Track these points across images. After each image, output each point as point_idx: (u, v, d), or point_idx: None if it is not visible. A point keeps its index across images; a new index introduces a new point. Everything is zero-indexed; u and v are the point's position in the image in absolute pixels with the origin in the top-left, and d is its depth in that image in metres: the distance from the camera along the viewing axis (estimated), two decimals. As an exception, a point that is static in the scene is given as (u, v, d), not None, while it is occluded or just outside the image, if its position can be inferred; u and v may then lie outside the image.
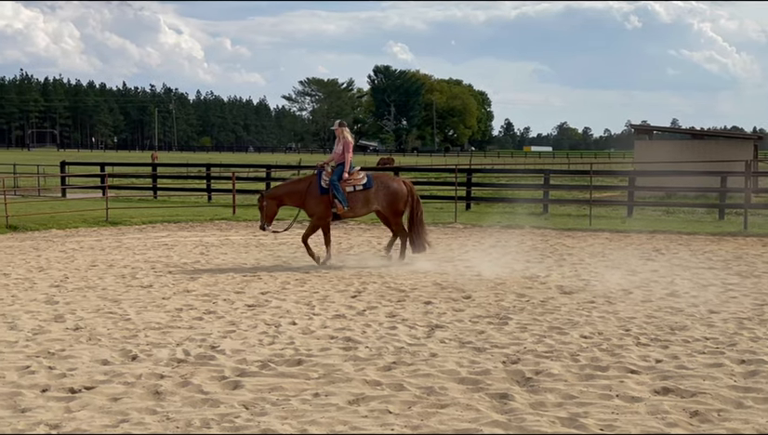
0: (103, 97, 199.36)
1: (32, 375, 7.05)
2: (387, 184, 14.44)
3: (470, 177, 27.82)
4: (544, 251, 15.96)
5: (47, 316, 9.55)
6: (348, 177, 14.02)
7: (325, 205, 14.06)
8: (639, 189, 25.64)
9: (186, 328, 8.95)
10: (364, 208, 14.34)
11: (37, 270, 13.41)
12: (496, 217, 23.26)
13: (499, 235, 18.92)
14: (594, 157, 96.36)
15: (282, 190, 14.70)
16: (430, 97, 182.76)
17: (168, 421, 5.87)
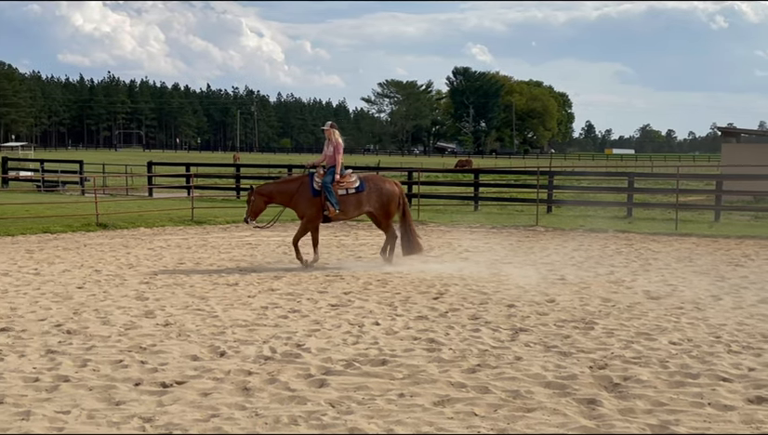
0: (187, 99, 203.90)
1: (125, 369, 7.25)
2: (379, 186, 14.40)
3: (552, 180, 27.50)
4: (629, 255, 15.67)
5: (138, 312, 9.82)
6: (340, 179, 14.03)
7: (317, 208, 14.00)
8: (726, 193, 24.93)
9: (272, 326, 9.08)
10: (355, 211, 14.36)
11: (127, 266, 13.79)
12: (579, 220, 22.95)
13: (582, 239, 18.65)
14: (678, 160, 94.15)
15: (273, 187, 14.72)
16: (510, 98, 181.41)
17: (257, 417, 5.97)
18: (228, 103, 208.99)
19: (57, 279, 12.34)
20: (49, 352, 7.80)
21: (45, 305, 10.21)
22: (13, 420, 5.84)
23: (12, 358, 7.59)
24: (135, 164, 45.51)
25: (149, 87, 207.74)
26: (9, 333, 8.61)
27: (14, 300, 10.50)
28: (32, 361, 7.50)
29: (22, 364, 7.36)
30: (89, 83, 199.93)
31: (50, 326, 8.96)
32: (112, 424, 5.80)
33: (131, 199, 30.40)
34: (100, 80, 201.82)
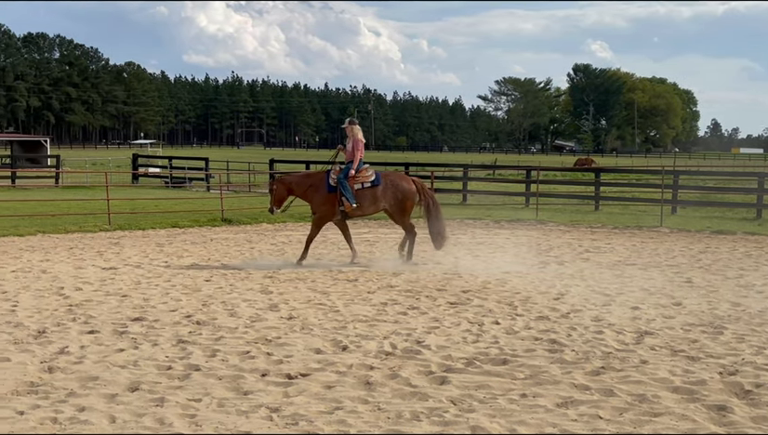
0: (306, 97, 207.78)
1: (252, 359, 7.47)
2: (395, 183, 14.31)
3: (677, 180, 26.67)
4: (759, 258, 15.04)
5: (263, 305, 10.09)
6: (356, 174, 14.00)
7: (330, 205, 13.99)
8: None
9: (391, 322, 9.17)
10: (371, 206, 14.20)
11: (251, 261, 14.18)
12: (705, 221, 22.18)
13: (709, 241, 18.03)
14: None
15: (294, 178, 14.76)
16: (631, 96, 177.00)
17: (380, 411, 6.04)
18: (345, 102, 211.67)
19: (186, 272, 12.82)
20: (180, 342, 8.12)
21: (175, 296, 10.63)
22: (148, 406, 6.11)
23: (146, 346, 7.94)
24: (256, 162, 46.69)
25: (269, 87, 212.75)
26: (143, 323, 9.00)
27: (146, 291, 10.97)
28: (164, 350, 7.82)
29: (156, 353, 7.69)
30: (214, 82, 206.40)
31: (181, 317, 9.32)
32: (241, 413, 5.98)
33: (253, 195, 31.24)
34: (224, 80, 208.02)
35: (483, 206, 27.03)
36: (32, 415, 5.84)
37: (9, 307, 9.80)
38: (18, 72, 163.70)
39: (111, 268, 13.11)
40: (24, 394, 6.37)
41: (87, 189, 32.51)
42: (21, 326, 8.72)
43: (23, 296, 10.54)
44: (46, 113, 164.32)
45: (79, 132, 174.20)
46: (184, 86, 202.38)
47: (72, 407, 6.04)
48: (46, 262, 13.70)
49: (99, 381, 6.71)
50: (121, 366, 7.17)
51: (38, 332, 8.48)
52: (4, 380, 6.69)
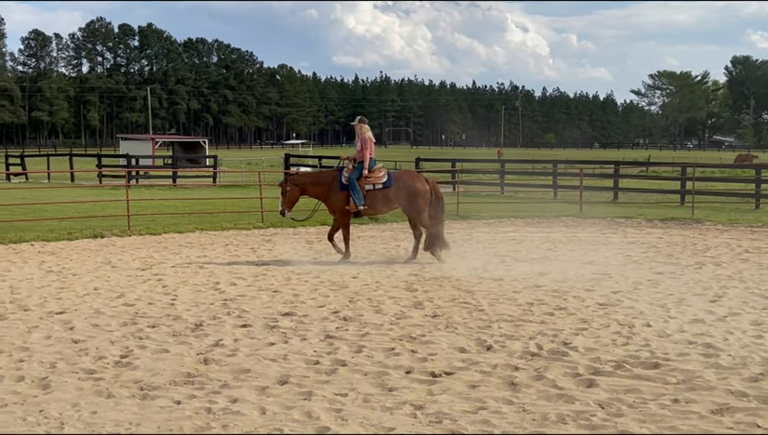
0: (453, 96, 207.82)
1: (396, 356, 7.54)
2: (407, 183, 14.19)
3: None
4: None
5: (408, 302, 10.17)
6: (368, 174, 13.88)
7: (345, 202, 13.94)
8: None
9: (538, 322, 9.04)
10: (384, 206, 14.22)
11: (397, 258, 14.31)
12: None
13: None
14: None
15: (307, 179, 14.71)
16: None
17: (524, 413, 5.97)
18: (492, 99, 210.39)
19: (334, 268, 13.08)
20: (328, 337, 8.30)
21: (323, 292, 10.87)
22: (297, 399, 6.28)
23: (295, 341, 8.16)
24: (403, 160, 47.12)
25: (416, 86, 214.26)
26: (293, 317, 9.26)
27: (296, 287, 11.28)
28: (312, 344, 8.02)
29: (304, 347, 7.89)
30: (363, 82, 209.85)
31: (329, 313, 9.53)
32: (386, 409, 6.05)
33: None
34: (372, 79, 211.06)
35: (635, 205, 26.21)
36: (188, 405, 6.12)
37: (169, 300, 10.31)
38: (179, 77, 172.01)
39: (263, 264, 13.56)
40: (181, 384, 6.68)
41: (242, 188, 33.76)
42: (180, 319, 9.16)
43: (182, 290, 11.07)
44: (204, 115, 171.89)
45: (235, 133, 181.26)
46: (334, 87, 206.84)
47: (226, 398, 6.29)
48: (204, 258, 14.32)
49: (251, 374, 6.95)
50: (271, 360, 7.41)
51: (195, 325, 8.87)
52: (163, 370, 7.04)
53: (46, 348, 7.87)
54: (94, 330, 8.64)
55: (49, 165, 44.86)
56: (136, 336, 8.38)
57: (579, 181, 26.81)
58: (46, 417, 5.85)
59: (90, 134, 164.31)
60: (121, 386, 6.61)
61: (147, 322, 9.05)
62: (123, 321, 9.09)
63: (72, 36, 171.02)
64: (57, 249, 15.47)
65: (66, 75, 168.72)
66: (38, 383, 6.71)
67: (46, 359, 7.44)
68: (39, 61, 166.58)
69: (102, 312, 9.54)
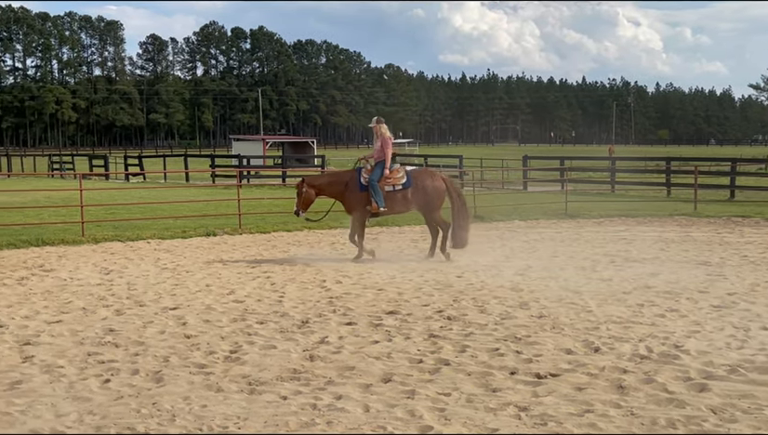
0: (562, 92, 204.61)
1: (501, 357, 7.47)
2: (425, 183, 14.11)
3: None
4: None
5: (513, 302, 10.06)
6: (388, 174, 13.83)
7: (364, 203, 13.85)
8: None
9: (648, 324, 8.79)
10: (402, 207, 14.19)
11: (503, 258, 14.19)
12: None
13: None
14: None
15: (323, 180, 14.66)
16: None
17: (633, 416, 5.82)
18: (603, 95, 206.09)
19: (438, 267, 13.07)
20: (432, 336, 8.30)
21: (427, 291, 10.88)
22: (400, 398, 6.30)
23: (399, 339, 8.19)
24: (510, 159, 46.67)
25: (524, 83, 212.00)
26: (397, 316, 9.30)
27: (400, 286, 11.32)
28: (416, 343, 8.03)
29: (408, 346, 7.91)
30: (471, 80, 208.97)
31: (432, 312, 9.52)
32: (489, 410, 6.00)
33: (506, 192, 31.27)
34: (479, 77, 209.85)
35: (754, 203, 25.18)
36: (293, 401, 6.23)
37: (277, 297, 10.52)
38: (288, 78, 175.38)
39: (368, 262, 13.66)
40: (288, 380, 6.80)
41: (349, 187, 34.08)
42: (287, 316, 9.33)
43: (290, 287, 11.27)
44: (313, 116, 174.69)
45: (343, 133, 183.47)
46: (440, 86, 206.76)
47: (331, 395, 6.37)
48: (311, 256, 14.54)
49: (356, 371, 7.02)
50: (375, 358, 7.46)
51: (302, 322, 9.02)
52: (270, 366, 7.19)
53: (160, 342, 8.14)
54: (205, 326, 8.90)
55: (165, 166, 46.48)
56: (245, 331, 8.58)
57: (694, 179, 25.97)
58: (159, 410, 6.05)
59: (204, 135, 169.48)
60: (230, 380, 6.78)
61: (256, 318, 9.25)
62: (233, 317, 9.33)
63: (186, 40, 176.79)
64: (172, 247, 16.00)
65: (181, 78, 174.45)
66: (152, 376, 6.95)
67: (159, 353, 7.71)
68: (156, 65, 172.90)
69: (213, 308, 9.82)
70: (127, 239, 16.77)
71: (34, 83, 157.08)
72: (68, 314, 9.52)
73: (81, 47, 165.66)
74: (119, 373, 7.06)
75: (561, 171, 32.10)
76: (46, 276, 12.26)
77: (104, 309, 9.79)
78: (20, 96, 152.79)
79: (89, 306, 10.01)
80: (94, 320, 9.21)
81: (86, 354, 7.67)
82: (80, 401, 6.29)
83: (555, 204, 24.20)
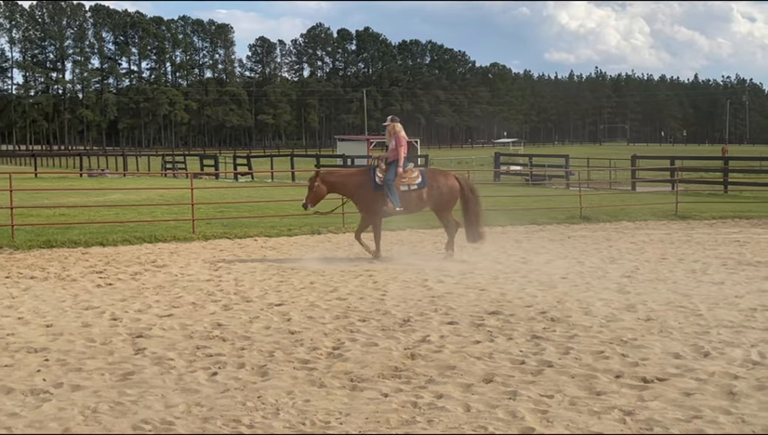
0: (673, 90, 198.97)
1: (606, 360, 7.32)
2: (440, 182, 14.07)
3: None
4: None
5: (619, 305, 9.84)
6: (402, 173, 13.72)
7: (379, 202, 13.73)
8: None
9: (761, 329, 8.45)
10: (416, 207, 14.16)
11: (609, 260, 13.90)
12: None
13: None
14: None
15: (337, 177, 14.48)
16: None
17: (743, 424, 5.61)
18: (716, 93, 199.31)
19: (542, 268, 12.91)
20: (534, 337, 8.20)
21: (531, 292, 10.75)
22: (501, 399, 6.25)
23: (501, 340, 8.13)
24: (618, 158, 45.65)
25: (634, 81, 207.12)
26: (499, 316, 9.23)
27: (503, 286, 11.23)
28: (518, 344, 7.95)
29: (510, 347, 7.84)
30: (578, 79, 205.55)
31: (535, 313, 9.41)
32: (593, 413, 5.89)
33: (614, 192, 30.62)
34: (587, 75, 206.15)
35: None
36: (394, 398, 6.26)
37: (379, 295, 10.60)
38: (393, 78, 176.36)
39: (470, 262, 13.60)
40: (389, 378, 6.84)
41: (452, 186, 34.00)
42: (389, 314, 9.38)
43: (392, 286, 11.33)
44: (417, 116, 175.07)
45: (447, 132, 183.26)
46: (546, 84, 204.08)
47: (431, 393, 6.37)
48: (413, 255, 14.58)
49: (457, 371, 7.00)
50: (477, 358, 7.42)
51: (403, 320, 9.06)
52: (372, 363, 7.25)
53: (266, 337, 8.32)
54: (309, 322, 9.04)
55: (272, 165, 47.45)
56: (347, 328, 8.68)
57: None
58: (263, 403, 6.18)
59: (310, 135, 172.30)
60: (332, 376, 6.87)
61: (358, 315, 9.34)
62: (335, 314, 9.45)
63: (294, 42, 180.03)
64: (277, 244, 16.33)
65: (288, 80, 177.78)
66: (257, 370, 7.11)
67: (265, 348, 7.87)
68: (264, 67, 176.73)
69: (317, 305, 9.97)
70: (235, 236, 17.20)
71: (149, 85, 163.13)
72: (178, 308, 9.84)
73: (193, 50, 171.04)
74: (226, 366, 7.25)
75: (671, 171, 31.21)
76: (158, 272, 12.70)
77: (213, 304, 10.08)
78: (136, 97, 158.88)
79: (198, 301, 10.32)
80: (203, 314, 9.49)
81: (194, 347, 7.91)
82: (188, 392, 6.49)
83: (665, 204, 23.55)
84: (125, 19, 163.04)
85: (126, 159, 59.57)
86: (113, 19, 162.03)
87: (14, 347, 7.93)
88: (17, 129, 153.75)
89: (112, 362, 7.42)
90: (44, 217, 19.55)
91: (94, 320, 9.17)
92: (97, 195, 25.92)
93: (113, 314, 9.47)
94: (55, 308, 9.85)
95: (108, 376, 6.93)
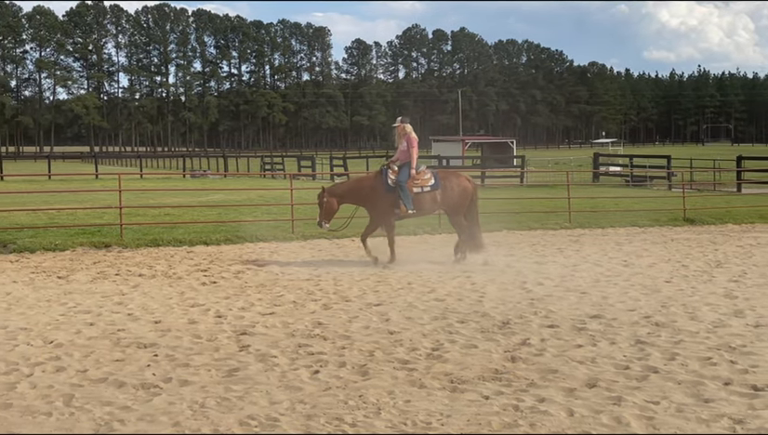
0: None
1: (713, 366, 7.11)
2: (453, 183, 13.83)
3: None
4: None
5: (727, 310, 9.54)
6: (415, 175, 13.47)
7: (391, 204, 13.49)
8: None
9: None
10: (429, 209, 13.97)
11: (714, 263, 13.49)
12: None
13: None
14: None
15: (344, 187, 14.27)
16: None
17: None
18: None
19: (645, 272, 12.62)
20: (638, 342, 8.02)
21: (634, 296, 10.52)
22: (606, 404, 6.14)
23: (604, 344, 7.99)
24: (722, 159, 44.25)
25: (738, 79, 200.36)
26: (601, 320, 9.07)
27: (605, 290, 11.02)
28: (622, 349, 7.79)
29: (613, 351, 7.69)
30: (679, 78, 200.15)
31: (639, 317, 9.20)
32: (702, 421, 5.74)
33: (718, 194, 29.69)
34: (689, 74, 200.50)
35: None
36: (495, 401, 6.23)
37: (477, 297, 10.55)
38: (488, 78, 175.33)
39: (570, 264, 13.41)
40: (489, 380, 6.81)
41: (550, 187, 33.61)
42: (488, 316, 9.34)
43: (490, 287, 11.26)
44: (513, 116, 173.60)
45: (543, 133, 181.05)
46: (646, 83, 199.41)
47: (533, 397, 6.31)
48: (511, 257, 14.45)
49: (558, 374, 6.92)
50: (579, 362, 7.31)
51: (502, 323, 9.00)
52: (471, 365, 7.23)
53: (365, 337, 8.39)
54: (407, 322, 9.08)
55: (368, 166, 47.76)
56: (446, 330, 8.68)
57: None
58: (365, 402, 6.24)
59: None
60: (432, 377, 6.88)
61: (456, 317, 9.33)
62: (434, 315, 9.45)
63: (389, 44, 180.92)
64: (375, 245, 16.42)
65: (384, 81, 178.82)
66: (358, 369, 7.18)
67: (364, 347, 7.94)
68: (360, 69, 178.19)
69: (415, 306, 9.99)
70: (333, 237, 17.37)
71: (248, 88, 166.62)
72: (280, 307, 10.02)
73: (291, 53, 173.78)
74: (327, 365, 7.34)
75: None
76: (259, 270, 12.95)
77: (313, 303, 10.23)
78: (236, 100, 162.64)
79: (299, 299, 10.49)
80: (303, 313, 9.64)
81: (296, 345, 8.04)
82: (292, 390, 6.60)
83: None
84: (227, 24, 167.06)
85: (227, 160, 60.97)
86: (215, 24, 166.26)
87: (125, 342, 8.23)
88: (122, 131, 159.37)
89: (217, 358, 7.61)
90: (150, 216, 20.19)
91: (200, 317, 9.43)
92: (199, 195, 26.61)
93: (218, 311, 9.72)
94: (162, 304, 10.17)
95: (214, 372, 7.12)
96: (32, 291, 11.18)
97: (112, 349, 7.93)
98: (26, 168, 65.75)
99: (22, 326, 8.92)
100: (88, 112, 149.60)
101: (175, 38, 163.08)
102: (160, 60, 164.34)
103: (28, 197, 24.92)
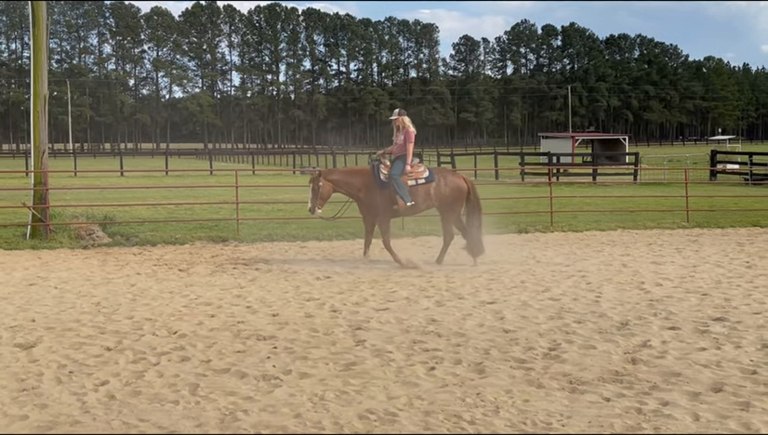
0: None
1: None
2: (448, 180, 13.40)
3: None
4: None
5: None
6: (410, 169, 12.97)
7: (386, 200, 12.95)
8: None
9: None
10: (424, 204, 13.26)
11: None
12: None
13: None
14: None
15: (339, 175, 13.66)
16: None
17: None
18: None
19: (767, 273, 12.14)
20: (766, 346, 7.71)
21: (758, 298, 10.12)
22: (733, 409, 5.94)
23: (728, 348, 7.71)
24: None
25: None
26: (725, 323, 8.76)
27: (727, 291, 10.64)
28: (748, 353, 7.51)
29: (739, 355, 7.42)
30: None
31: (765, 320, 8.85)
32: None
33: None
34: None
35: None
36: (617, 403, 6.10)
37: (594, 297, 10.35)
38: (599, 74, 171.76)
39: (690, 265, 13.01)
40: (609, 382, 6.67)
41: (665, 186, 32.73)
42: (605, 317, 9.15)
43: (606, 288, 11.03)
44: (624, 112, 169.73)
45: (656, 129, 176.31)
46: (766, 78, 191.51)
47: (656, 400, 6.16)
48: (627, 256, 14.13)
49: (682, 378, 6.72)
50: (703, 365, 7.09)
51: (621, 324, 8.80)
52: (590, 366, 7.10)
53: (480, 335, 8.35)
54: (522, 321, 8.99)
55: (476, 163, 47.56)
56: (562, 330, 8.54)
57: None
58: (483, 401, 6.21)
59: (512, 133, 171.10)
60: (550, 377, 6.79)
61: (573, 317, 9.17)
62: (549, 314, 9.33)
63: (498, 40, 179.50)
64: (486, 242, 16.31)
65: (491, 77, 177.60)
66: (474, 367, 7.15)
67: (479, 345, 7.91)
68: (468, 65, 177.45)
69: (529, 305, 9.88)
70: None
71: (356, 85, 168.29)
72: (393, 303, 10.09)
73: (398, 50, 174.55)
74: (443, 361, 7.34)
75: None
76: (373, 266, 13.06)
77: (425, 300, 10.25)
78: (344, 98, 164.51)
79: (412, 296, 10.53)
80: (417, 309, 9.67)
81: (411, 342, 8.08)
82: (408, 385, 6.63)
83: None
84: (336, 22, 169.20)
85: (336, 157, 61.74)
86: (324, 22, 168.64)
87: (245, 334, 8.44)
88: (234, 129, 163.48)
89: (334, 351, 7.72)
90: (264, 212, 20.64)
91: (315, 311, 9.59)
92: (310, 192, 27.03)
93: (333, 306, 9.85)
94: (279, 298, 10.39)
95: (332, 366, 7.23)
96: (155, 283, 11.61)
97: (233, 341, 8.15)
98: (144, 164, 68.28)
99: (147, 317, 9.28)
100: (202, 109, 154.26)
101: (285, 37, 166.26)
102: (271, 59, 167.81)
103: (147, 192, 25.85)
